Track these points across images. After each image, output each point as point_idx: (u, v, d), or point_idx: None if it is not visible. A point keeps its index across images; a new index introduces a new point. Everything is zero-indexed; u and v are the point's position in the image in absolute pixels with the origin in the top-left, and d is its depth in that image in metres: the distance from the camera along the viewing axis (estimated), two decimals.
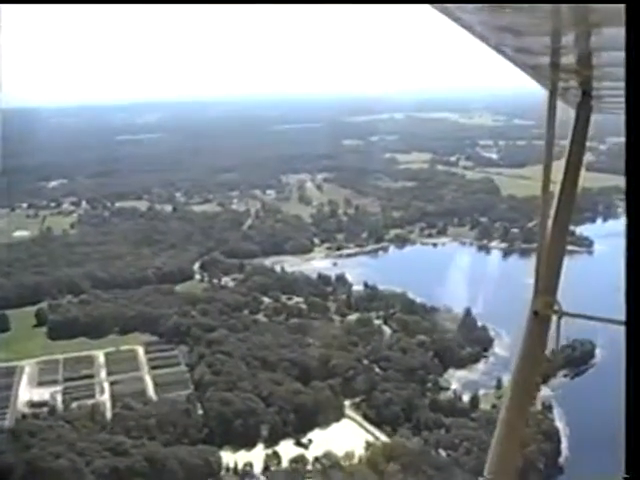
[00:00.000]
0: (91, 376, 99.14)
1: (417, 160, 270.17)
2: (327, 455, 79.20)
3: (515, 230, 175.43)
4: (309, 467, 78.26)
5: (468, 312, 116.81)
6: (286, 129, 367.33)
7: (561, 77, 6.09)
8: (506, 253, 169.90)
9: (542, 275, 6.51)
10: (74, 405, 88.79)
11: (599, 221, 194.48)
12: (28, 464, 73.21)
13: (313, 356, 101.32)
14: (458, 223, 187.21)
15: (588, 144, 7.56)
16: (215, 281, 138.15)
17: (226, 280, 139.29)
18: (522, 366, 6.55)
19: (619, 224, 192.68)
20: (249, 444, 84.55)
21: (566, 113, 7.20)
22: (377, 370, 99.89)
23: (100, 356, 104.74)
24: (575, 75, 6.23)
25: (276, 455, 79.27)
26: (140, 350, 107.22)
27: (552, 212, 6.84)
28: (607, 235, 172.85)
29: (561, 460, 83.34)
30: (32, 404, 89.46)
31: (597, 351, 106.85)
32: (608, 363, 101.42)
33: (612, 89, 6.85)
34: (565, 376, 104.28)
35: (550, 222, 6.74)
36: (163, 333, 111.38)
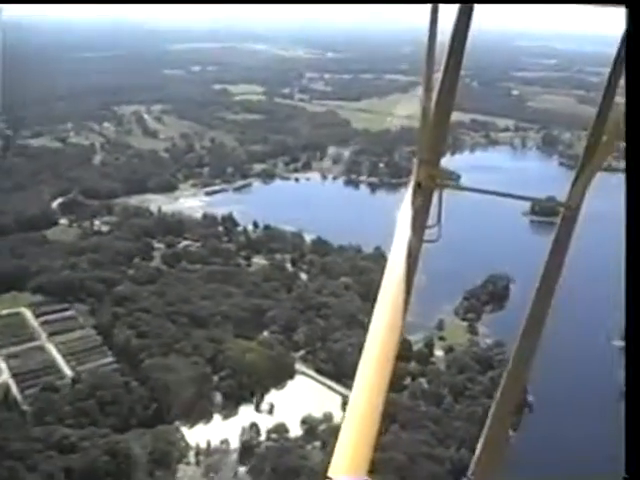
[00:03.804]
0: None
1: (249, 92, 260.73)
2: (307, 420, 69.71)
3: (381, 165, 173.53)
4: (292, 434, 68.30)
5: (379, 251, 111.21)
6: (90, 57, 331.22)
7: None
8: (374, 188, 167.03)
9: (426, 145, 5.91)
10: None
11: (448, 155, 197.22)
12: None
13: (244, 307, 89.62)
14: (320, 157, 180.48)
15: None
16: (86, 225, 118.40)
17: (98, 224, 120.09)
18: (402, 237, 5.68)
19: (469, 157, 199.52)
20: (205, 416, 72.30)
21: None
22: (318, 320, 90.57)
23: None
24: None
25: (254, 427, 67.75)
26: (27, 313, 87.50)
27: (437, 82, 5.89)
28: (465, 169, 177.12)
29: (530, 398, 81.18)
30: None
31: (511, 286, 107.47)
32: (525, 294, 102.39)
33: None
34: (491, 311, 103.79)
35: (435, 92, 5.79)
36: (50, 291, 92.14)
